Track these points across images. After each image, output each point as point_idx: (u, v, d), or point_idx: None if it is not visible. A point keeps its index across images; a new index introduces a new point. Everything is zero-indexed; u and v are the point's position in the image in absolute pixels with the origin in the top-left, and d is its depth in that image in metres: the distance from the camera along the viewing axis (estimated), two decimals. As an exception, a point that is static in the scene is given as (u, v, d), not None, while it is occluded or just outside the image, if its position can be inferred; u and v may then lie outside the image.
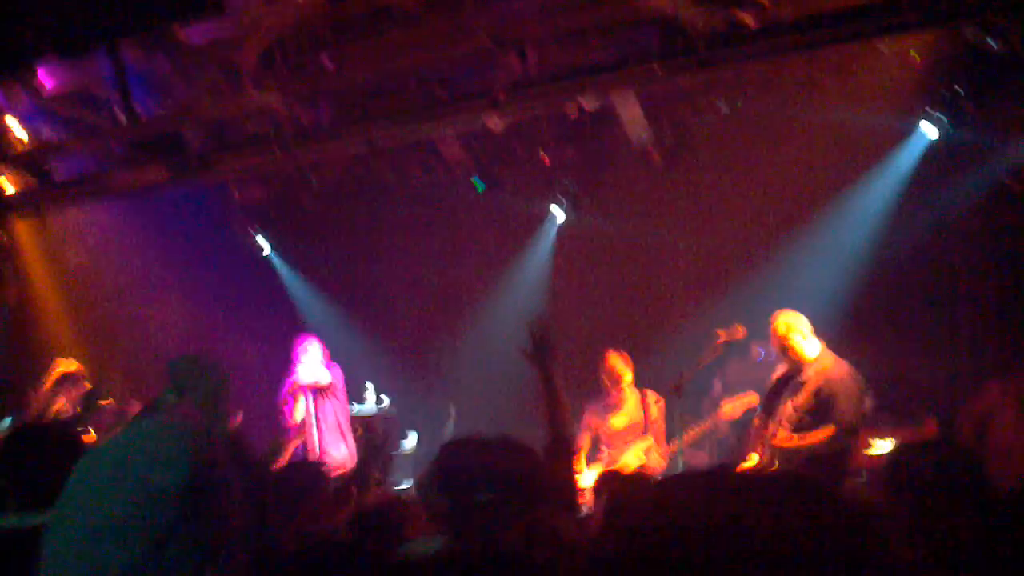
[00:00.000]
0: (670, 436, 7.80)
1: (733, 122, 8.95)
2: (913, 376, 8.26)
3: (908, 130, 8.38)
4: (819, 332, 6.95)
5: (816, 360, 6.79)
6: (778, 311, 6.98)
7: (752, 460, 6.97)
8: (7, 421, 8.04)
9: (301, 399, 8.52)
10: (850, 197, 9.00)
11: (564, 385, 4.16)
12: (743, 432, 7.89)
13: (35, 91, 7.66)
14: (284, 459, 7.01)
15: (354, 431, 8.78)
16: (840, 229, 9.01)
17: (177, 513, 1.43)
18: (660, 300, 10.03)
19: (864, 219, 8.92)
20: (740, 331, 7.32)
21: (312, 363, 8.55)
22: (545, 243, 10.54)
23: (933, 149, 8.32)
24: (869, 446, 7.36)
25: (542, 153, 8.81)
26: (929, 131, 8.16)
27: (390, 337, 10.98)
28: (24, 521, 2.99)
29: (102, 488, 1.45)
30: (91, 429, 8.31)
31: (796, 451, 6.65)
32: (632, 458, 7.86)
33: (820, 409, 6.66)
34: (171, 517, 1.42)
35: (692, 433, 8.06)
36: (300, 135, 7.44)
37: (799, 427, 6.71)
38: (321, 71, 7.13)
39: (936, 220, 8.35)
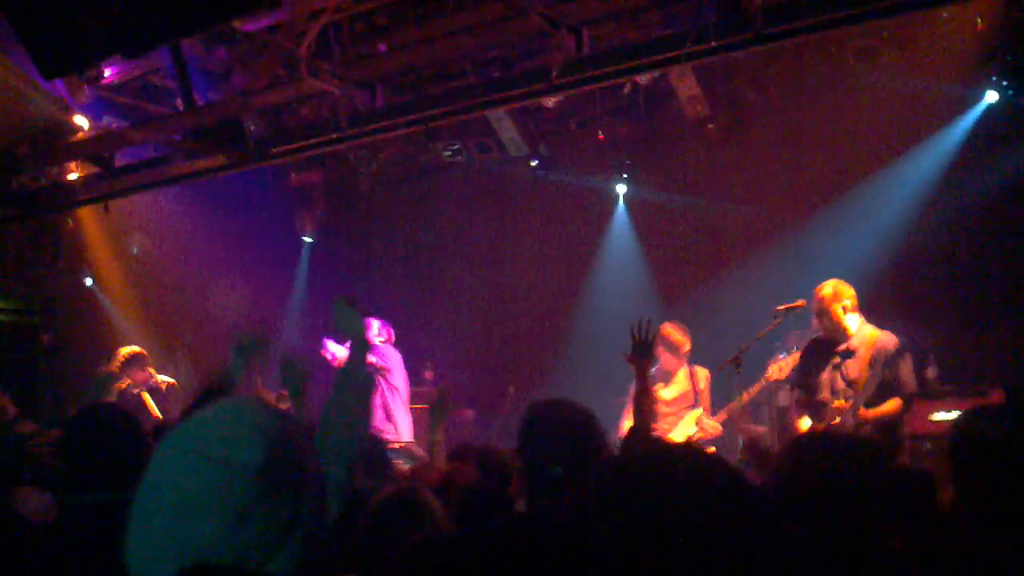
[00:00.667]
0: (718, 407, 7.86)
1: (791, 94, 8.88)
2: (976, 349, 8.18)
3: (972, 98, 8.24)
4: (873, 303, 6.91)
5: (859, 331, 6.75)
6: (824, 283, 6.95)
7: (803, 424, 6.94)
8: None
9: None
10: (910, 165, 8.89)
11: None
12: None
13: (96, 81, 7.83)
14: None
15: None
16: (898, 199, 8.91)
17: (257, 490, 1.47)
18: (717, 273, 9.98)
19: (923, 188, 8.81)
20: (799, 302, 7.30)
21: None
22: (602, 219, 10.53)
23: (994, 115, 8.19)
24: (932, 415, 7.32)
25: (599, 132, 8.76)
26: (991, 98, 8.03)
27: (450, 316, 11.03)
28: (101, 497, 3.09)
29: (184, 465, 1.49)
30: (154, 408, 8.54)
31: (863, 423, 6.60)
32: (686, 428, 7.91)
33: (882, 380, 6.61)
34: (252, 494, 1.47)
35: (745, 397, 8.03)
36: (356, 120, 7.49)
37: (863, 399, 6.66)
38: (376, 56, 7.18)
39: (998, 186, 8.22)
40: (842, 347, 6.79)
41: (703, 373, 8.05)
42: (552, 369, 10.09)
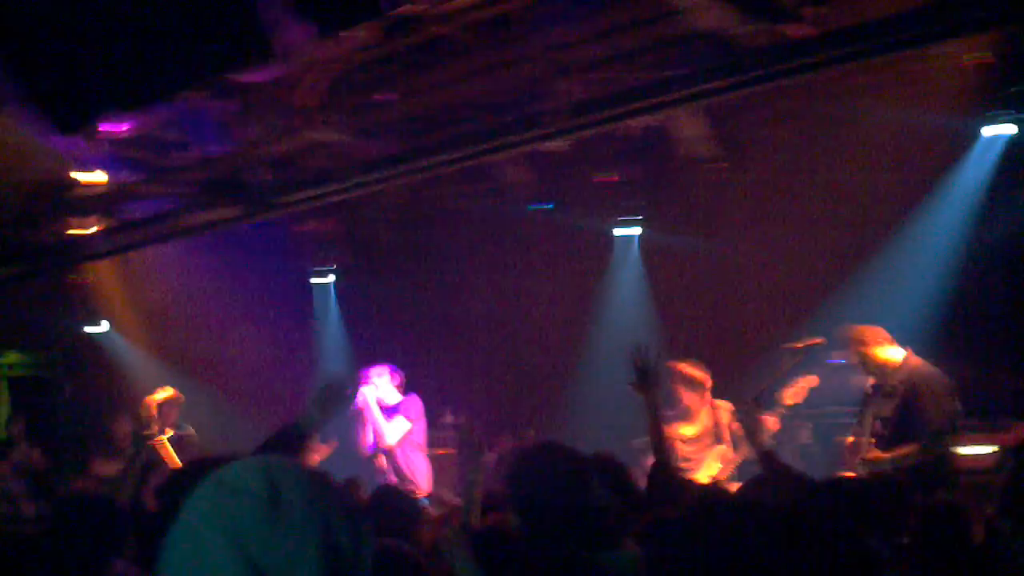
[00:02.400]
0: (738, 444, 7.76)
1: (800, 129, 8.87)
2: (1002, 382, 8.08)
3: (977, 131, 8.19)
4: (902, 340, 6.82)
5: (900, 366, 6.65)
6: (850, 326, 6.86)
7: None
8: None
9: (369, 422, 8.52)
10: (925, 201, 8.83)
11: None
12: (831, 445, 7.80)
13: (106, 136, 7.94)
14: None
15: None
16: (916, 233, 8.85)
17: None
18: (732, 311, 9.95)
19: (941, 223, 8.75)
20: (818, 339, 7.22)
21: (382, 389, 8.57)
22: (615, 260, 10.52)
23: (1013, 148, 8.13)
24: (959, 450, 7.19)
25: (602, 173, 8.78)
26: (1000, 131, 7.98)
27: (465, 359, 11.02)
28: None
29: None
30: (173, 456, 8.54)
31: (881, 464, 6.50)
32: (709, 467, 7.81)
33: (907, 418, 6.50)
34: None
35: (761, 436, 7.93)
36: (362, 168, 7.54)
37: (888, 438, 6.55)
38: (379, 105, 7.25)
39: (1019, 222, 8.15)
40: (885, 386, 6.70)
41: (725, 406, 7.97)
42: (569, 409, 10.05)
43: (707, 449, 7.91)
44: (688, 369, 8.01)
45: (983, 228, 8.42)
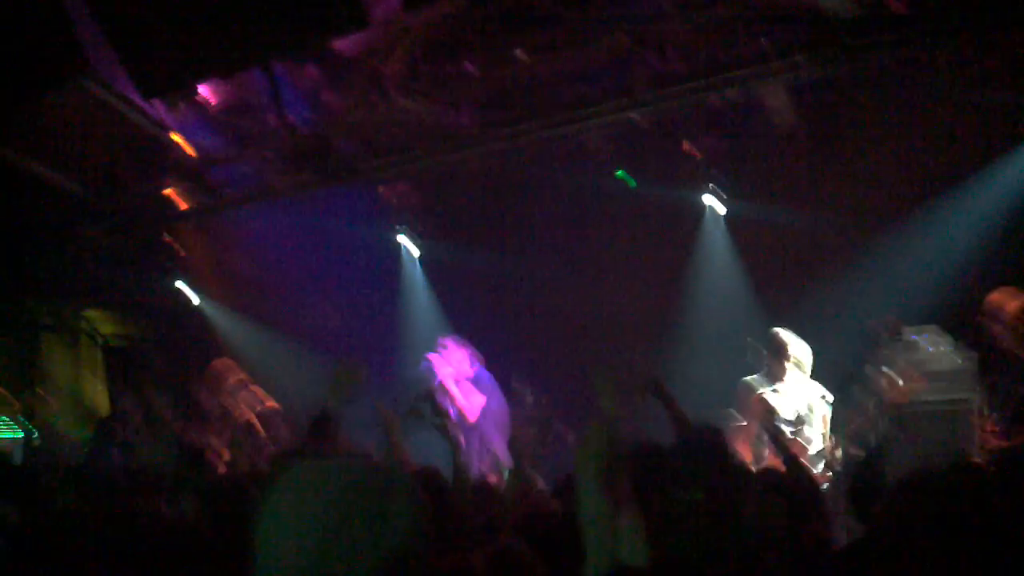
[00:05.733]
0: (833, 430, 7.57)
1: (882, 103, 8.72)
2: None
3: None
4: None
5: None
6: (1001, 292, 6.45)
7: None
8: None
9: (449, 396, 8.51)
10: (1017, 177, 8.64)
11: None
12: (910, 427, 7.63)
13: (196, 104, 8.07)
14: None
15: None
16: (1010, 214, 8.66)
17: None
18: (810, 286, 9.84)
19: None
20: (892, 318, 7.10)
21: (455, 363, 8.56)
22: (693, 230, 10.44)
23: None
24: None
25: (687, 145, 8.70)
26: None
27: (543, 333, 11.00)
28: None
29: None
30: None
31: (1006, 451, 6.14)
32: (798, 449, 7.62)
33: None
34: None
35: (854, 426, 7.78)
36: (445, 139, 7.59)
37: (1011, 422, 6.12)
38: (464, 75, 7.27)
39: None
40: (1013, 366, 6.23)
41: (820, 394, 7.76)
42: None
43: (799, 428, 7.68)
44: (783, 337, 7.81)
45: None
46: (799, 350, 7.72)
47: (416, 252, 10.92)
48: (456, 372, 8.54)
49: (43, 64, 6.19)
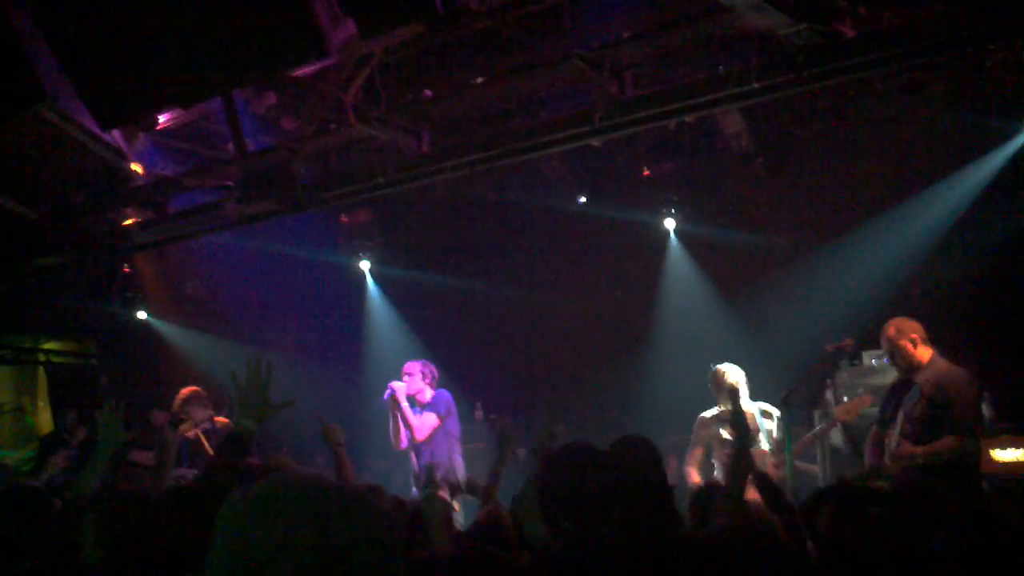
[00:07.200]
0: (779, 447, 7.74)
1: (835, 126, 8.85)
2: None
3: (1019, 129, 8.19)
4: (934, 338, 6.83)
5: (928, 366, 6.66)
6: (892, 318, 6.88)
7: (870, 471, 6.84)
8: None
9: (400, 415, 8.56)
10: (966, 197, 8.81)
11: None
12: (859, 442, 7.78)
13: (151, 128, 8.00)
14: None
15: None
16: (952, 232, 8.84)
17: None
18: (765, 309, 9.95)
19: (984, 219, 8.72)
20: (849, 342, 7.28)
21: (413, 383, 8.62)
22: (649, 254, 10.53)
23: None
24: (989, 455, 7.15)
25: (644, 168, 8.79)
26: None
27: (497, 353, 11.04)
28: None
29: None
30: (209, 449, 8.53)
31: (913, 459, 6.51)
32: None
33: (936, 417, 6.50)
34: None
35: (803, 442, 7.98)
36: (403, 164, 7.60)
37: (916, 437, 6.57)
38: (422, 101, 7.30)
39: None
40: (912, 384, 6.67)
41: (765, 413, 7.98)
42: (601, 405, 10.09)
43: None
44: (722, 371, 8.02)
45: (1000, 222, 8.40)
46: (733, 376, 7.96)
47: (375, 278, 10.94)
48: (414, 391, 8.62)
49: (-1, 94, 6.14)
